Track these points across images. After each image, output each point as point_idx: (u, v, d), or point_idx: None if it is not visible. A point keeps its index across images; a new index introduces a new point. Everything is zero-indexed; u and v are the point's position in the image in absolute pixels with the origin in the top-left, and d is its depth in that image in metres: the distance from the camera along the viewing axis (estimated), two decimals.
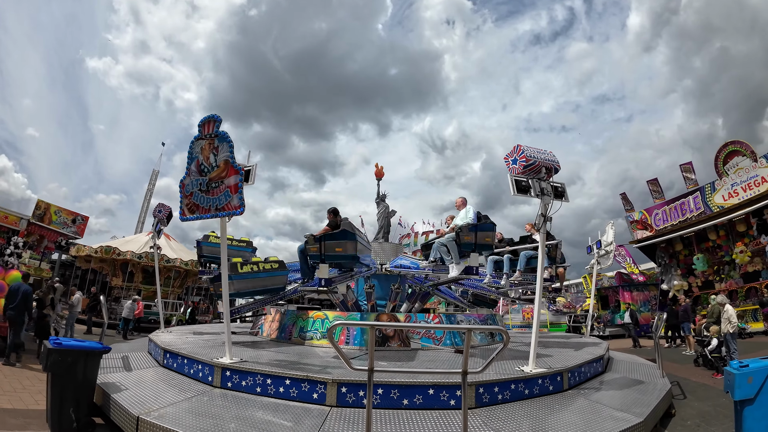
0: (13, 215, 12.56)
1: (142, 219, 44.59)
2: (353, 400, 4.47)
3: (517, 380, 4.90)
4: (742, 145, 16.73)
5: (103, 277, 26.08)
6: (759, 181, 15.79)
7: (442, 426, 3.97)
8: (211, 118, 5.49)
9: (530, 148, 5.78)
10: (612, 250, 11.32)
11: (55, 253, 26.34)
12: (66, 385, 4.43)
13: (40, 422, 4.57)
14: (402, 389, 4.47)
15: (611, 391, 5.51)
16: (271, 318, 9.09)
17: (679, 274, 19.24)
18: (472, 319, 9.51)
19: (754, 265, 16.26)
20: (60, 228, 17.38)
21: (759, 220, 15.91)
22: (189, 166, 5.61)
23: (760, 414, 4.14)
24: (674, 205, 19.32)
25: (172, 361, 6.06)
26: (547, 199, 5.59)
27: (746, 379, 4.22)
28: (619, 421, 4.18)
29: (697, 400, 6.41)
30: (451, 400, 4.46)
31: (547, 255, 7.81)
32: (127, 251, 22.52)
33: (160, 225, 10.31)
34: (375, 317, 7.94)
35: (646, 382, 6.13)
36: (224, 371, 5.10)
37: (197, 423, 3.86)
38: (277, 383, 4.75)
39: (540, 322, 6.09)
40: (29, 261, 21.16)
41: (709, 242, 18.41)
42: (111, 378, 5.37)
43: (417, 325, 7.77)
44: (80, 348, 4.65)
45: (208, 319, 23.13)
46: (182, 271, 24.20)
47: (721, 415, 5.42)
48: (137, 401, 4.43)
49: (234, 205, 5.32)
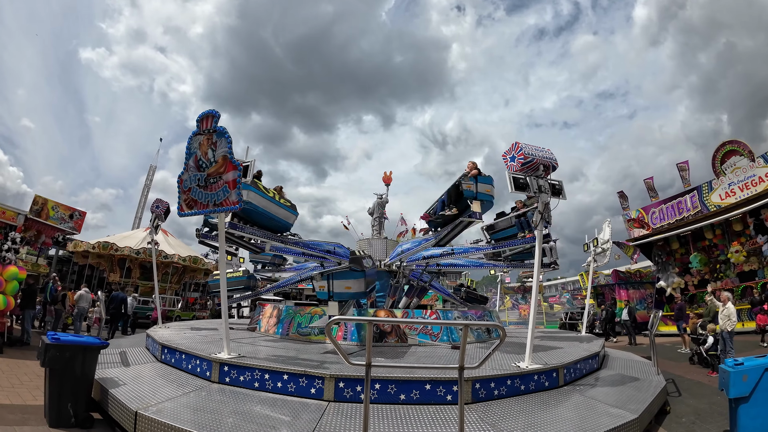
0: (10, 210, 12.48)
1: (139, 214, 44.53)
2: (351, 395, 4.49)
3: (513, 376, 4.93)
4: (740, 145, 16.76)
5: (100, 272, 26.01)
6: (756, 181, 15.83)
7: (439, 421, 3.99)
8: (209, 114, 5.47)
9: (528, 145, 5.79)
10: (609, 248, 11.37)
11: (52, 249, 26.25)
12: (64, 380, 4.44)
13: (38, 417, 4.57)
14: (399, 384, 4.50)
15: (606, 388, 5.55)
16: (268, 314, 9.10)
17: (676, 272, 19.31)
18: (469, 316, 9.56)
19: (750, 264, 16.33)
20: (57, 223, 17.28)
21: (756, 219, 15.94)
22: (187, 161, 5.60)
23: (754, 412, 4.18)
24: (671, 203, 19.38)
25: (170, 356, 6.07)
26: (545, 197, 5.61)
27: (741, 377, 4.26)
28: (614, 417, 4.21)
29: (692, 397, 6.45)
30: (447, 395, 4.49)
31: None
32: (125, 247, 22.48)
33: (157, 220, 10.28)
34: (373, 313, 7.97)
35: (642, 379, 6.17)
36: (222, 366, 5.11)
37: (195, 418, 3.87)
38: (275, 378, 4.77)
39: (536, 319, 6.13)
40: (26, 257, 21.13)
41: (705, 241, 18.48)
42: (109, 373, 5.38)
43: (414, 321, 7.80)
44: (78, 343, 4.66)
45: (206, 315, 23.13)
46: (180, 266, 24.16)
47: (716, 413, 5.46)
48: (135, 396, 4.44)
49: (232, 201, 5.32)
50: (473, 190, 7.55)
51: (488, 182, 7.80)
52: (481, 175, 7.79)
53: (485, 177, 7.83)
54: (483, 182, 7.68)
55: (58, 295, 12.05)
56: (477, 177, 7.71)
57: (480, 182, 7.64)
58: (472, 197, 7.52)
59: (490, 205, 7.90)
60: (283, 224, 8.09)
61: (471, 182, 7.61)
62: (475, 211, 7.44)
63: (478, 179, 7.69)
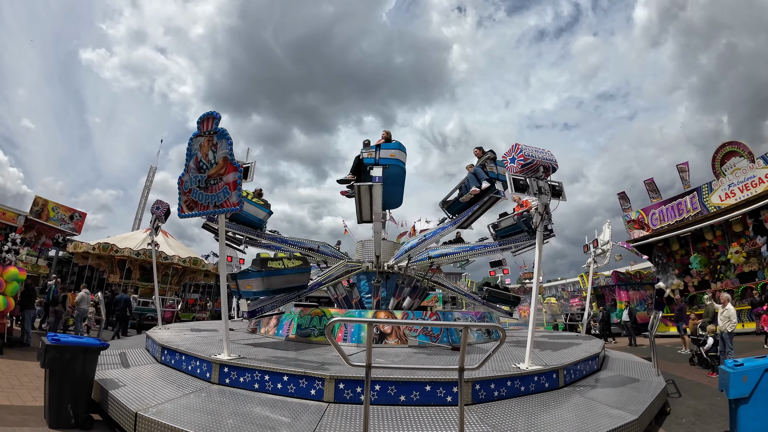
0: (10, 211, 12.50)
1: (139, 215, 44.54)
2: (351, 396, 4.49)
3: (513, 377, 4.93)
4: (740, 146, 16.79)
5: (100, 274, 26.00)
6: (756, 182, 15.85)
7: (439, 422, 3.99)
8: (210, 115, 5.48)
9: (528, 147, 5.80)
10: (609, 249, 11.38)
11: (53, 250, 26.25)
12: (64, 381, 4.44)
13: (38, 419, 4.57)
14: (399, 386, 4.50)
15: (606, 389, 5.55)
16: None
17: (676, 273, 19.31)
18: (468, 317, 9.55)
19: (750, 265, 16.34)
20: (58, 224, 17.29)
21: (755, 220, 15.96)
22: (188, 163, 5.60)
23: (754, 413, 4.18)
24: (671, 204, 19.40)
25: (169, 357, 6.07)
26: (545, 198, 5.61)
27: (741, 378, 4.26)
28: (615, 418, 4.21)
29: (692, 398, 6.45)
30: (447, 396, 4.49)
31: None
32: (125, 248, 22.47)
33: (158, 222, 10.28)
34: (372, 314, 7.97)
35: (642, 380, 6.17)
36: (222, 367, 5.11)
37: (195, 419, 3.87)
38: (275, 379, 4.77)
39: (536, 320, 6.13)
40: (26, 257, 21.13)
41: (705, 242, 18.49)
42: (109, 374, 5.38)
43: (414, 322, 7.80)
44: (78, 344, 4.66)
45: (206, 316, 23.13)
46: (180, 268, 24.15)
47: (716, 414, 5.46)
48: (135, 397, 4.43)
49: (233, 202, 5.32)
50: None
51: (396, 147, 8.00)
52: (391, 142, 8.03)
53: (394, 143, 8.04)
54: (389, 148, 7.88)
55: (58, 297, 12.09)
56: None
57: (384, 148, 7.81)
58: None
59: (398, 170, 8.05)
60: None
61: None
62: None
63: (382, 146, 7.84)
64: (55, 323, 11.81)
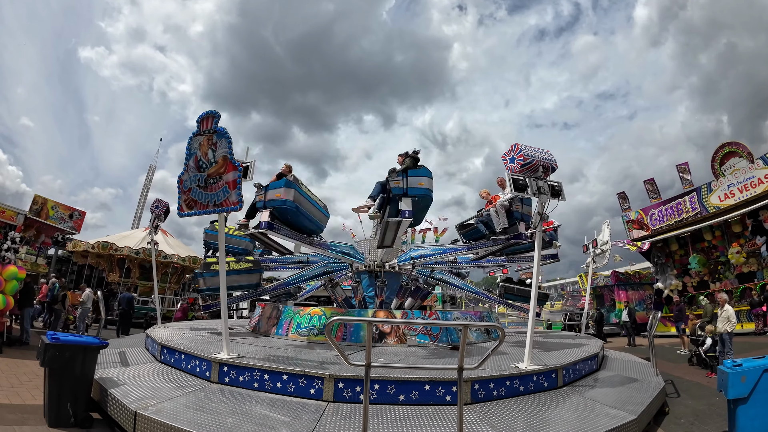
0: (10, 210, 12.49)
1: (138, 214, 44.38)
2: (350, 395, 4.50)
3: (513, 377, 4.94)
4: (739, 147, 16.79)
5: (99, 272, 25.98)
6: (755, 183, 15.85)
7: (438, 421, 4.00)
8: (209, 114, 5.48)
9: (528, 146, 5.80)
10: (608, 249, 11.39)
11: (52, 249, 26.22)
12: (63, 380, 4.44)
13: (37, 417, 4.57)
14: (398, 385, 4.50)
15: (605, 389, 5.56)
16: (268, 314, 9.10)
17: (674, 274, 19.32)
18: (468, 317, 9.56)
19: (749, 266, 16.35)
20: (57, 223, 17.28)
21: (754, 221, 15.97)
22: (187, 162, 5.61)
23: (753, 413, 4.19)
24: (670, 205, 19.39)
25: (169, 356, 6.07)
26: (544, 198, 5.62)
27: (740, 378, 4.27)
28: (613, 418, 4.22)
29: (691, 398, 6.46)
30: (447, 396, 4.50)
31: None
32: (124, 247, 22.46)
33: (157, 221, 10.27)
34: (372, 314, 7.97)
35: (640, 380, 6.18)
36: (222, 366, 5.12)
37: (195, 418, 3.87)
38: (274, 378, 4.77)
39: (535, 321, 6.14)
40: (26, 256, 21.12)
41: (704, 242, 18.49)
42: (108, 373, 5.38)
43: (414, 321, 7.80)
44: (77, 343, 4.66)
45: (205, 315, 23.08)
46: (179, 266, 24.13)
47: (714, 414, 5.47)
48: (135, 396, 4.44)
49: (232, 201, 5.33)
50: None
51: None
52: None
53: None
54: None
55: (58, 296, 12.10)
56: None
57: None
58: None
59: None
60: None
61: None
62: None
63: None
64: (55, 322, 11.83)
